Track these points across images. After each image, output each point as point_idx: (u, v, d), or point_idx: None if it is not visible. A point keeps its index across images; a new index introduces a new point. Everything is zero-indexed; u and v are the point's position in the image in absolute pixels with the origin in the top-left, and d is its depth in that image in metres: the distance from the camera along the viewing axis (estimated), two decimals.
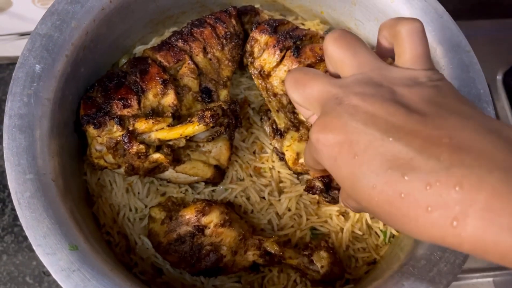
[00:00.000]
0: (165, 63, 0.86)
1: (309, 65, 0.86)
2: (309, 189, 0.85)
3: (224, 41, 0.90)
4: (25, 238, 1.21)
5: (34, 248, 0.63)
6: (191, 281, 0.85)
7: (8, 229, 1.21)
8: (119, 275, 0.66)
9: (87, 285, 0.62)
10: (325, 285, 0.83)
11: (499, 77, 1.29)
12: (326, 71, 0.83)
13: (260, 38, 0.89)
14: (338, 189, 0.83)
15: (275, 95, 0.88)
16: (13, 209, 1.23)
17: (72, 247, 0.64)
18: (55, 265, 0.62)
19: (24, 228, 0.64)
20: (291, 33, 0.87)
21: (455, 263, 0.67)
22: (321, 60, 0.86)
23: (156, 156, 0.84)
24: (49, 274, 1.17)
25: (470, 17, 1.40)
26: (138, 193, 0.87)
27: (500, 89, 1.28)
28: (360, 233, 0.87)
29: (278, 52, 0.86)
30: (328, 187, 0.83)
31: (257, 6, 1.03)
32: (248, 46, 0.91)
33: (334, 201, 0.84)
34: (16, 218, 1.24)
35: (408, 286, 0.66)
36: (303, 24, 1.05)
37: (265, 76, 0.89)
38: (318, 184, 0.83)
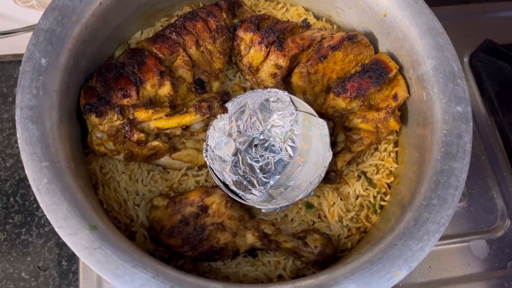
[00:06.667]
0: (160, 55, 0.90)
1: (293, 56, 0.91)
2: None
3: (216, 35, 0.94)
4: (18, 235, 1.21)
5: (56, 230, 0.66)
6: None
7: (0, 227, 1.21)
8: (137, 251, 0.70)
9: (109, 261, 0.66)
10: (320, 266, 0.87)
11: (465, 59, 1.36)
12: (309, 59, 0.89)
13: (245, 36, 0.93)
14: (335, 171, 0.90)
15: (265, 88, 0.93)
16: (4, 207, 1.23)
17: (92, 227, 0.67)
18: (78, 244, 0.66)
19: (44, 212, 0.67)
20: (273, 28, 0.92)
21: (440, 222, 0.74)
22: (303, 49, 0.91)
23: (155, 143, 0.88)
24: (44, 269, 1.19)
25: (434, 3, 1.47)
26: (142, 180, 0.91)
27: (467, 71, 1.35)
28: (351, 206, 0.93)
29: (263, 48, 0.91)
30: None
31: None
32: (234, 44, 0.95)
33: (331, 181, 0.91)
34: (7, 215, 1.23)
35: (400, 245, 0.72)
36: (287, 10, 1.09)
37: (254, 71, 0.94)
38: None
